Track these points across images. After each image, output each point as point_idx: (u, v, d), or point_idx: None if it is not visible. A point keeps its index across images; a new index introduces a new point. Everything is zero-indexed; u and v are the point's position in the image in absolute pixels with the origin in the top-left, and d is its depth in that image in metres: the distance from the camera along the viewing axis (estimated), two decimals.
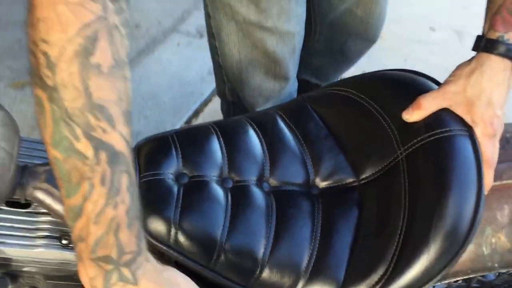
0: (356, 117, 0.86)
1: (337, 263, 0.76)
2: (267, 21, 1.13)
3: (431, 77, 0.84)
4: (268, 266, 0.75)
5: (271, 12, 1.12)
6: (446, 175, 0.74)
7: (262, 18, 1.13)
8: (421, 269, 0.72)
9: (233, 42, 1.20)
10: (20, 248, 0.78)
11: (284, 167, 0.83)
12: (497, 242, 0.81)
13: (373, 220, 0.78)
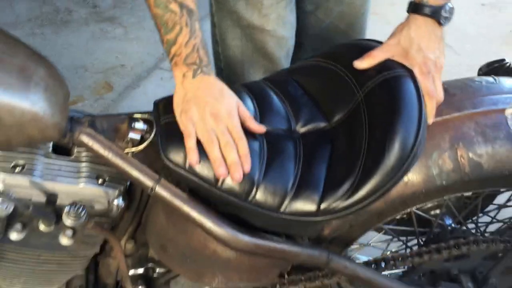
0: (324, 78, 1.08)
1: (316, 182, 0.96)
2: (268, 25, 1.33)
3: (381, 42, 1.08)
4: (261, 187, 0.96)
5: (271, 17, 1.33)
6: (395, 104, 0.96)
7: (264, 22, 1.33)
8: (381, 177, 0.93)
9: (236, 46, 1.39)
10: (66, 184, 0.97)
11: (271, 119, 1.05)
12: (443, 163, 1.02)
13: (342, 148, 0.99)
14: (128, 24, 2.66)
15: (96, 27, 2.63)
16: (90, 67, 2.41)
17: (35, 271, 1.06)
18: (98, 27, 2.63)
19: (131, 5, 2.77)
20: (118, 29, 2.63)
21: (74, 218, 0.91)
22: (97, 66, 2.42)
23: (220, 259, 1.04)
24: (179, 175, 0.95)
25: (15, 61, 0.84)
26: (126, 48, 2.53)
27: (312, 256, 1.05)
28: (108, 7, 2.73)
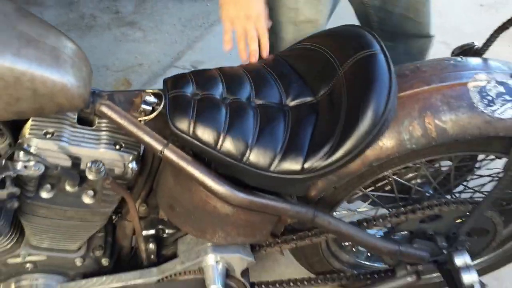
0: (311, 58, 1.23)
1: (301, 145, 1.11)
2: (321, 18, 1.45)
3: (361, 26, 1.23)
4: (254, 149, 1.11)
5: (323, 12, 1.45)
6: (368, 78, 1.11)
7: (318, 16, 1.45)
8: (356, 140, 1.07)
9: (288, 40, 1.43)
10: (88, 149, 1.13)
11: (265, 94, 1.21)
12: (412, 129, 1.16)
13: (325, 118, 1.14)
14: (146, 28, 2.85)
15: (118, 31, 2.82)
16: (111, 67, 2.60)
17: (61, 227, 1.22)
18: (119, 31, 2.82)
19: (150, 11, 2.96)
20: (138, 33, 2.82)
21: (95, 172, 1.06)
22: (118, 65, 2.61)
23: (220, 215, 1.19)
24: (184, 140, 1.10)
25: (48, 41, 1.01)
26: (145, 49, 2.71)
27: (299, 212, 1.20)
28: (129, 13, 2.92)
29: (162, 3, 3.00)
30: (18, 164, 1.06)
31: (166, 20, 2.89)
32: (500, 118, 1.14)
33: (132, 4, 3.00)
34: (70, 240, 1.28)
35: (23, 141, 1.08)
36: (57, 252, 1.31)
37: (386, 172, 1.27)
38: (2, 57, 0.92)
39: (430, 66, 1.23)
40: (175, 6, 2.99)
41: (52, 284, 1.34)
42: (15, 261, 1.31)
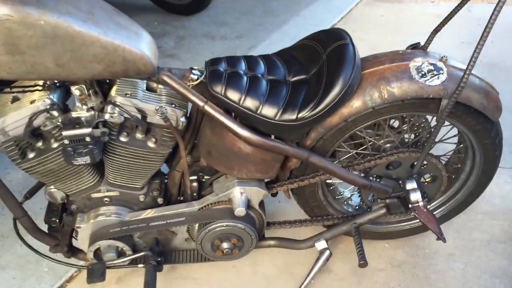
0: (307, 50, 1.74)
1: (296, 103, 1.58)
2: None
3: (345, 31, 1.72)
4: (265, 105, 1.60)
5: None
6: (340, 60, 1.60)
7: None
8: (331, 98, 1.54)
9: None
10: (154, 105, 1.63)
11: (274, 72, 1.71)
12: (372, 93, 1.62)
13: (313, 86, 1.64)
14: (185, 59, 3.41)
15: (160, 61, 3.39)
16: None
17: (131, 165, 1.69)
18: (161, 61, 3.39)
19: (187, 46, 3.53)
20: (177, 62, 3.39)
21: (161, 114, 1.56)
22: None
23: (243, 154, 1.67)
24: (218, 99, 1.60)
25: (132, 28, 1.53)
26: None
27: (298, 152, 1.67)
28: (170, 48, 3.50)
29: (198, 40, 3.57)
30: (106, 114, 1.57)
31: (201, 52, 3.46)
32: (429, 85, 1.62)
33: (172, 41, 3.59)
34: (137, 178, 1.75)
35: (111, 98, 1.58)
36: (127, 189, 1.79)
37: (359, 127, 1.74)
38: (105, 35, 1.44)
39: (385, 55, 1.72)
40: (209, 43, 3.57)
41: (122, 213, 1.82)
42: (97, 196, 1.79)
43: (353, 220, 1.90)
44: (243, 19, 4.53)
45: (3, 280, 2.00)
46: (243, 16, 4.61)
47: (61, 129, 1.55)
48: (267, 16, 4.60)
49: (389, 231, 2.09)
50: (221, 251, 1.83)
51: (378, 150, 1.85)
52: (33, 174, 1.65)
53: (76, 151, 1.54)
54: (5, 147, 1.56)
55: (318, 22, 4.11)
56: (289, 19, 4.48)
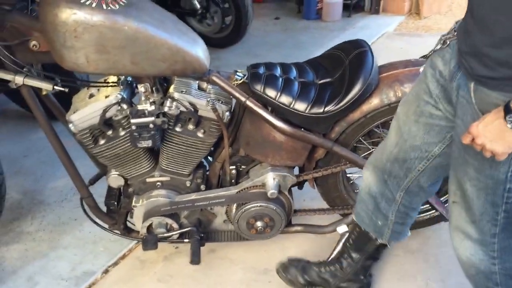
0: (332, 58, 2.04)
1: (323, 99, 1.88)
2: None
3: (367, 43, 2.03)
4: (297, 101, 1.89)
5: None
6: (360, 64, 1.90)
7: None
8: (353, 94, 1.85)
9: None
10: (204, 101, 1.93)
11: (304, 76, 2.01)
12: (388, 92, 1.94)
13: (337, 86, 1.93)
14: None
15: None
16: None
17: (182, 153, 1.98)
18: None
19: None
20: None
21: (211, 105, 1.86)
22: None
23: (277, 143, 1.96)
24: (258, 95, 1.90)
25: (190, 35, 1.84)
26: None
27: (323, 142, 1.96)
28: None
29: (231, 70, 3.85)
30: (166, 107, 1.87)
31: None
32: None
33: None
34: (186, 165, 2.03)
35: (170, 94, 1.89)
36: (177, 175, 2.07)
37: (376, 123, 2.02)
38: (172, 39, 1.75)
39: (400, 62, 2.02)
40: None
41: (171, 195, 2.10)
42: (151, 180, 2.07)
43: None
44: (273, 51, 4.93)
45: (66, 256, 2.28)
46: (273, 48, 5.01)
47: (129, 118, 1.85)
48: (296, 49, 4.98)
49: None
50: (255, 229, 2.09)
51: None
52: (102, 158, 1.95)
53: (141, 135, 1.84)
54: (81, 134, 1.87)
55: None
56: (316, 50, 4.83)
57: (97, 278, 2.17)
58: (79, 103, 1.91)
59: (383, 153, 1.71)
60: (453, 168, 1.42)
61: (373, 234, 1.89)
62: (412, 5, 6.18)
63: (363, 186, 1.83)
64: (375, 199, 1.80)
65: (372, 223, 1.86)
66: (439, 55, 1.44)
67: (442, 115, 1.47)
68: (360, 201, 1.87)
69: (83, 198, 2.09)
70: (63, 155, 1.98)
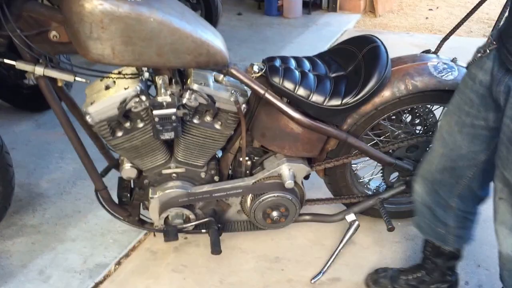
0: (342, 52, 2.10)
1: (340, 92, 1.94)
2: None
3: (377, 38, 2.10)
4: (315, 94, 1.94)
5: None
6: (375, 58, 1.97)
7: None
8: (369, 88, 1.91)
9: None
10: (222, 93, 1.94)
11: (317, 69, 2.05)
12: (399, 85, 1.98)
13: (352, 79, 1.99)
14: None
15: None
16: None
17: (199, 144, 1.99)
18: None
19: None
20: None
21: (234, 98, 1.88)
22: None
23: (294, 134, 2.00)
24: (277, 88, 1.92)
25: (210, 29, 1.85)
26: None
27: (338, 133, 2.01)
28: None
29: None
30: (185, 99, 1.88)
31: None
32: (445, 79, 2.00)
33: None
34: (201, 156, 2.05)
35: (188, 86, 1.89)
36: (192, 167, 2.09)
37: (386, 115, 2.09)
38: (195, 32, 1.76)
39: (407, 57, 2.09)
40: None
41: (186, 186, 2.11)
42: (166, 172, 2.08)
43: (378, 195, 2.23)
44: (243, 45, 4.98)
45: (75, 249, 2.26)
46: (242, 43, 5.06)
47: (147, 110, 1.85)
48: (265, 43, 5.04)
49: (401, 211, 2.41)
50: (270, 219, 2.13)
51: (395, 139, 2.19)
52: (120, 150, 1.95)
53: (164, 127, 1.84)
54: (99, 126, 1.85)
55: (312, 47, 4.51)
56: (285, 46, 4.93)
57: (110, 270, 2.16)
58: (95, 94, 1.89)
59: (431, 164, 1.74)
60: (500, 166, 1.47)
61: (437, 242, 1.90)
62: (367, 4, 6.39)
63: (416, 198, 1.85)
64: (430, 208, 1.81)
65: (433, 232, 1.87)
66: (478, 66, 1.49)
67: (484, 124, 1.53)
68: (417, 213, 1.89)
69: (98, 191, 2.07)
70: (80, 147, 1.96)
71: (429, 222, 1.85)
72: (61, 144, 3.04)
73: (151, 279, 2.12)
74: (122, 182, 2.18)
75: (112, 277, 2.13)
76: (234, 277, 2.15)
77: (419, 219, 1.89)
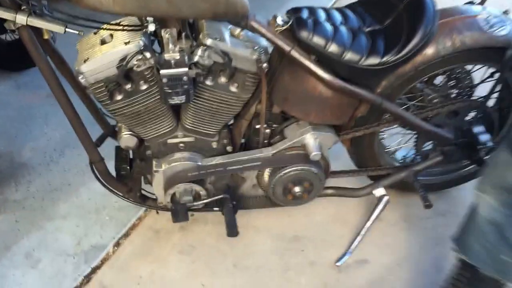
0: (376, 4, 1.79)
1: (378, 49, 1.65)
2: None
3: None
4: (349, 51, 1.65)
5: None
6: (422, 8, 1.67)
7: None
8: (414, 44, 1.62)
9: None
10: (241, 50, 1.64)
11: (350, 22, 1.74)
12: (445, 42, 1.70)
13: (392, 35, 1.70)
14: None
15: None
16: None
17: (212, 110, 1.70)
18: None
19: None
20: None
21: (258, 56, 1.58)
22: None
23: (323, 98, 1.71)
24: (305, 44, 1.63)
25: None
26: None
27: (372, 98, 1.73)
28: None
29: None
30: (197, 56, 1.58)
31: None
32: (497, 35, 1.72)
33: None
34: (214, 124, 1.76)
35: (201, 41, 1.59)
36: (202, 135, 1.80)
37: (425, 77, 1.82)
38: None
39: (452, 9, 1.80)
40: None
41: (196, 158, 1.83)
42: (173, 141, 1.80)
43: (411, 167, 1.98)
44: None
45: (67, 228, 1.99)
46: None
47: (152, 70, 1.55)
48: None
49: (431, 183, 2.17)
50: (292, 195, 1.87)
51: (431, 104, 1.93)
52: (119, 116, 1.66)
53: (174, 90, 1.55)
54: (95, 88, 1.56)
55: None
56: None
57: (109, 253, 1.89)
58: (89, 50, 1.59)
59: (507, 169, 1.39)
60: None
61: (497, 275, 1.50)
62: None
63: (481, 212, 1.48)
64: (498, 227, 1.42)
65: (493, 261, 1.48)
66: None
67: None
68: (473, 232, 1.51)
69: (93, 163, 1.78)
70: (71, 112, 1.67)
71: (490, 246, 1.46)
72: (45, 107, 2.70)
73: (156, 263, 1.86)
74: (120, 152, 1.90)
75: (110, 261, 1.87)
76: (249, 259, 1.90)
77: (474, 239, 1.50)
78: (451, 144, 1.92)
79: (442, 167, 2.12)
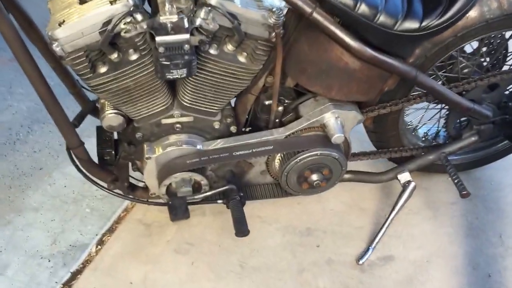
0: None
1: (417, 12, 1.37)
2: None
3: None
4: (383, 13, 1.36)
5: None
6: None
7: None
8: (458, 7, 1.35)
9: None
10: (253, 12, 1.34)
11: None
12: (491, 4, 1.46)
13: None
14: None
15: None
16: None
17: (216, 82, 1.42)
18: None
19: None
20: None
21: (276, 15, 1.29)
22: None
23: (349, 70, 1.44)
24: (330, 4, 1.35)
25: None
26: None
27: (406, 70, 1.46)
28: None
29: None
30: (199, 19, 1.28)
31: None
32: None
33: None
34: (217, 100, 1.49)
35: (204, 1, 1.29)
36: (202, 114, 1.52)
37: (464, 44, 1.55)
38: None
39: None
40: None
41: (194, 141, 1.54)
42: (167, 121, 1.52)
43: (441, 149, 1.74)
44: None
45: (39, 223, 1.70)
46: None
47: (144, 36, 1.26)
48: None
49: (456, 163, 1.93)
50: (308, 183, 1.61)
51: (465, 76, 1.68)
52: (102, 93, 1.38)
53: (173, 62, 1.26)
54: (73, 58, 1.28)
55: None
56: None
57: (91, 253, 1.63)
58: (65, 11, 1.28)
59: None
60: None
61: None
62: None
63: None
64: None
65: None
66: None
67: None
68: None
69: (72, 149, 1.48)
70: (42, 86, 1.37)
71: None
72: (8, 74, 2.34)
73: (148, 265, 1.60)
74: (103, 134, 1.61)
75: (94, 263, 1.60)
76: (257, 257, 1.65)
77: None
78: (489, 122, 1.68)
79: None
